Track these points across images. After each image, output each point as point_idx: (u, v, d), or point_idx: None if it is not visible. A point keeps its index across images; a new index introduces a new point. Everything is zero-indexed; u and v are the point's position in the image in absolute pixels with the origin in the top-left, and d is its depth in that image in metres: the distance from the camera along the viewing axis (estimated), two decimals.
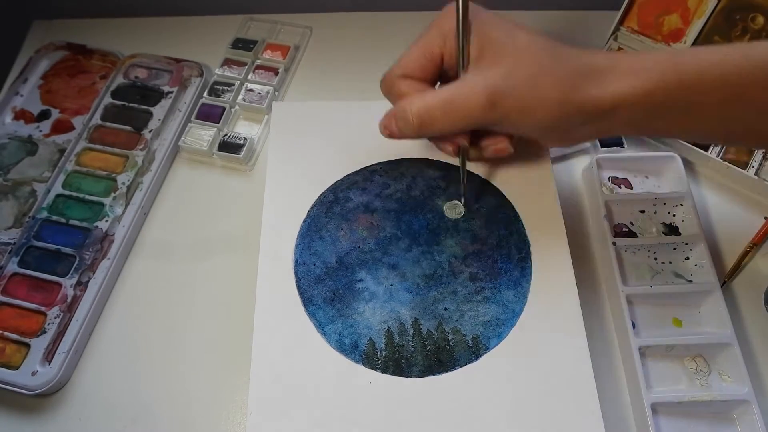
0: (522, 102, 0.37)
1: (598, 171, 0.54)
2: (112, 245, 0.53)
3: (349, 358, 0.41)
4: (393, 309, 0.43)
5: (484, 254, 0.45)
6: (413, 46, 0.41)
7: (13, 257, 0.52)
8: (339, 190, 0.47)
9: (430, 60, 0.40)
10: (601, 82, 0.37)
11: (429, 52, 0.40)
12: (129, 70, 0.63)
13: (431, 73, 0.41)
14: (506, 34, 0.38)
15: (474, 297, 0.43)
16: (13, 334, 0.48)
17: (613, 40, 0.61)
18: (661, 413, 0.45)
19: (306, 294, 0.43)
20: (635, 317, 0.49)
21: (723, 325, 0.47)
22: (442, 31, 0.40)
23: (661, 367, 0.47)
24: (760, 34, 0.55)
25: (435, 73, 0.41)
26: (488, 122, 0.39)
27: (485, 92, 0.37)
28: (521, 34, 0.38)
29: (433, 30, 0.40)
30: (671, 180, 0.55)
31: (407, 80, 0.40)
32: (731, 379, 0.46)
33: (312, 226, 0.46)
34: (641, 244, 0.51)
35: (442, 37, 0.40)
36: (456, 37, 0.38)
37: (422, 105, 0.38)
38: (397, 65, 0.41)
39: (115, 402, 0.48)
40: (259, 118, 0.61)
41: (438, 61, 0.40)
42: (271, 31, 0.67)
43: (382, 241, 0.45)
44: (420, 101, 0.38)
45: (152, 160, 0.57)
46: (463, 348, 0.41)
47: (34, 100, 0.61)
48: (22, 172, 0.57)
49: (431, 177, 0.48)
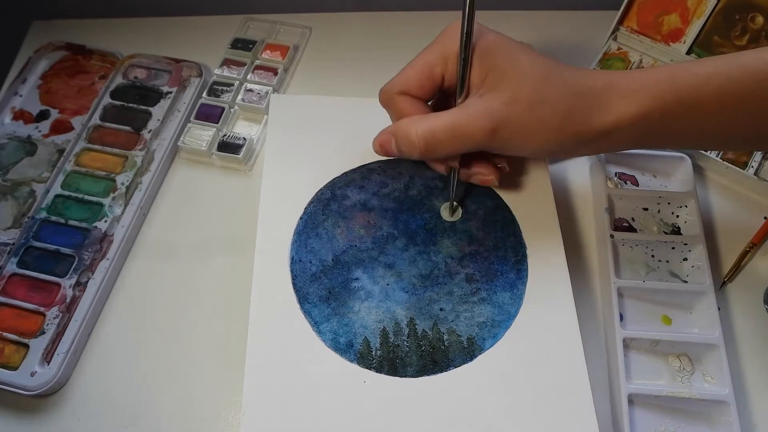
0: (522, 129, 0.38)
1: (606, 164, 0.54)
2: (111, 245, 0.53)
3: (344, 357, 0.41)
4: (389, 308, 0.43)
5: (480, 255, 0.45)
6: (414, 63, 0.41)
7: (12, 257, 0.52)
8: (336, 187, 0.47)
9: (429, 79, 0.40)
10: (598, 107, 0.38)
11: (429, 71, 0.40)
12: (128, 71, 0.63)
13: (429, 92, 0.41)
14: (509, 59, 0.38)
15: (470, 298, 0.43)
16: (12, 335, 0.48)
17: (612, 40, 0.61)
18: (637, 405, 0.45)
19: (301, 292, 0.43)
20: (624, 310, 0.49)
21: (712, 327, 0.46)
22: (444, 53, 0.40)
23: (644, 360, 0.47)
24: (760, 33, 0.55)
25: (433, 92, 0.41)
26: (490, 147, 0.39)
27: (488, 119, 0.37)
28: (523, 58, 0.38)
29: (435, 49, 0.40)
30: (678, 181, 0.54)
31: (405, 97, 0.41)
32: (714, 380, 0.46)
33: (309, 223, 0.46)
34: (639, 240, 0.51)
35: (444, 59, 0.40)
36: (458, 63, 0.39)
37: (427, 129, 0.38)
38: (397, 80, 0.41)
39: (114, 402, 0.48)
40: (258, 119, 0.61)
41: (438, 81, 0.41)
42: (270, 31, 0.67)
43: (378, 240, 0.45)
44: (425, 125, 0.39)
45: (151, 161, 0.57)
46: (458, 348, 0.41)
47: (33, 101, 0.61)
48: (21, 172, 0.57)
49: (429, 177, 0.48)
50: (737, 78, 0.37)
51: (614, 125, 0.38)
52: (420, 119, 0.39)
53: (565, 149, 0.40)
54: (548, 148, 0.39)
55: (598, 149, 0.41)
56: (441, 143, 0.39)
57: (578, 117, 0.38)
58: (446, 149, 0.39)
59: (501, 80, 0.38)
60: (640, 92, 0.38)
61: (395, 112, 0.41)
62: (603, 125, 0.38)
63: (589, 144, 0.39)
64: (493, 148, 0.40)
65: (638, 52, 0.60)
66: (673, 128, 0.39)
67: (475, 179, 0.44)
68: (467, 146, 0.39)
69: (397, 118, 0.41)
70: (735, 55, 0.38)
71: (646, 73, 0.39)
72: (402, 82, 0.41)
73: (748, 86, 0.37)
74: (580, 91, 0.38)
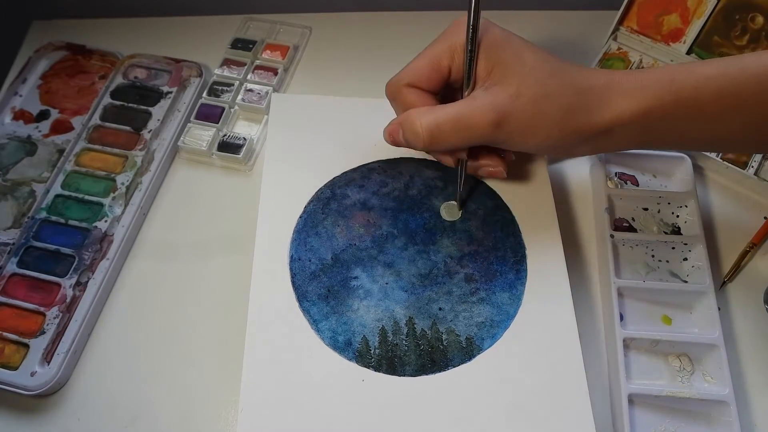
0: (525, 123, 0.38)
1: (606, 164, 0.54)
2: (112, 245, 0.53)
3: (343, 355, 0.41)
4: (388, 307, 0.43)
5: (479, 255, 0.45)
6: (422, 55, 0.41)
7: (12, 257, 0.52)
8: (336, 186, 0.47)
9: (437, 72, 0.41)
10: (599, 104, 0.38)
11: (437, 64, 0.41)
12: (128, 71, 0.63)
13: (437, 84, 0.41)
14: (514, 54, 0.39)
15: (469, 298, 0.43)
16: (12, 335, 0.48)
17: (612, 40, 0.61)
18: (637, 405, 0.45)
19: (300, 290, 0.43)
20: (624, 310, 0.49)
21: (712, 327, 0.46)
22: (452, 45, 0.40)
23: (644, 360, 0.47)
24: (760, 34, 0.55)
25: (440, 84, 0.42)
26: (494, 140, 0.40)
27: (493, 111, 0.38)
28: (528, 54, 0.39)
29: (442, 42, 0.41)
30: (678, 181, 0.54)
31: (413, 89, 0.41)
32: (714, 380, 0.46)
33: (308, 222, 0.46)
34: (639, 240, 0.51)
35: (451, 51, 0.40)
36: (464, 56, 0.39)
37: (432, 120, 0.39)
38: (405, 73, 0.41)
39: (114, 402, 0.48)
40: (258, 119, 0.61)
41: (445, 74, 0.41)
42: (270, 31, 0.67)
43: (378, 239, 0.45)
44: (430, 116, 0.39)
45: (151, 161, 0.57)
46: (457, 348, 0.41)
47: (33, 101, 0.61)
48: (21, 172, 0.57)
49: (429, 177, 0.48)
50: (737, 80, 0.37)
51: (614, 122, 0.38)
52: (427, 110, 0.39)
53: (566, 146, 0.40)
54: (550, 144, 0.39)
55: (599, 148, 0.42)
56: (445, 135, 0.39)
57: (579, 113, 0.38)
58: (450, 141, 0.40)
59: (507, 74, 0.38)
60: (640, 91, 0.38)
61: (402, 104, 0.41)
62: (603, 122, 0.38)
63: (589, 141, 0.39)
64: (497, 142, 0.40)
65: (638, 52, 0.60)
66: (674, 128, 0.39)
67: (483, 171, 0.44)
68: (471, 139, 0.39)
69: (403, 110, 0.41)
70: (736, 57, 0.38)
71: (647, 72, 0.39)
72: (410, 75, 0.41)
73: (748, 88, 0.37)
74: (582, 88, 0.38)
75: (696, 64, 0.39)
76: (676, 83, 0.38)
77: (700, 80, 0.37)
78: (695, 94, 0.37)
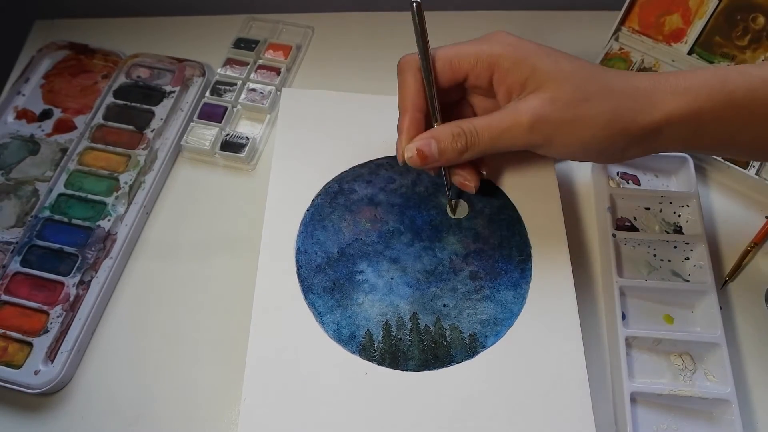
0: (565, 125, 0.38)
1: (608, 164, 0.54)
2: (115, 244, 0.53)
3: (346, 348, 0.41)
4: (392, 302, 0.43)
5: (485, 253, 0.45)
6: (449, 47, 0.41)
7: (15, 256, 0.52)
8: (344, 181, 0.48)
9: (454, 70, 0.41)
10: (647, 104, 0.38)
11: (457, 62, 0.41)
12: (131, 70, 0.63)
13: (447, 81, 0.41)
14: (551, 62, 0.39)
15: (473, 295, 0.43)
16: (16, 333, 0.48)
17: (614, 40, 0.61)
18: (639, 403, 0.45)
19: (306, 282, 0.43)
20: (627, 309, 0.49)
21: (714, 326, 0.47)
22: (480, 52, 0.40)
23: (646, 359, 0.47)
24: (761, 34, 0.55)
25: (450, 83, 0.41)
26: (530, 144, 0.39)
27: (526, 114, 0.38)
28: (564, 61, 0.39)
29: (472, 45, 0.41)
30: (680, 181, 0.55)
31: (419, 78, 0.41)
32: (716, 379, 0.46)
33: (315, 216, 0.46)
34: (641, 239, 0.51)
35: (476, 57, 0.40)
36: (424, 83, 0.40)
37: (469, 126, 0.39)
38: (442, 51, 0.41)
39: (118, 401, 0.48)
40: (261, 118, 0.61)
41: (459, 77, 0.41)
42: (273, 31, 0.67)
43: (384, 234, 0.45)
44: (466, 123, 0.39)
45: (154, 160, 0.57)
46: (460, 345, 0.41)
47: (36, 100, 0.61)
48: (24, 171, 0.57)
49: (436, 175, 0.48)
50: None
51: (664, 122, 0.37)
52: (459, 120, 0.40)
53: (613, 148, 0.39)
54: (595, 147, 0.39)
55: (648, 149, 0.40)
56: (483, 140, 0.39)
57: (626, 114, 0.38)
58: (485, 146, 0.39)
59: (542, 82, 0.38)
60: (689, 91, 0.37)
61: (402, 81, 0.42)
62: (652, 122, 0.38)
63: (638, 143, 0.39)
64: (536, 146, 0.40)
65: (640, 53, 0.60)
66: (724, 130, 0.38)
67: (456, 182, 0.44)
68: (507, 144, 0.39)
69: (399, 87, 0.42)
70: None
71: (694, 72, 0.38)
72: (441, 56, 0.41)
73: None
74: (627, 89, 0.38)
75: (748, 66, 0.38)
76: (729, 84, 0.37)
77: (756, 82, 0.37)
78: (750, 95, 0.37)
